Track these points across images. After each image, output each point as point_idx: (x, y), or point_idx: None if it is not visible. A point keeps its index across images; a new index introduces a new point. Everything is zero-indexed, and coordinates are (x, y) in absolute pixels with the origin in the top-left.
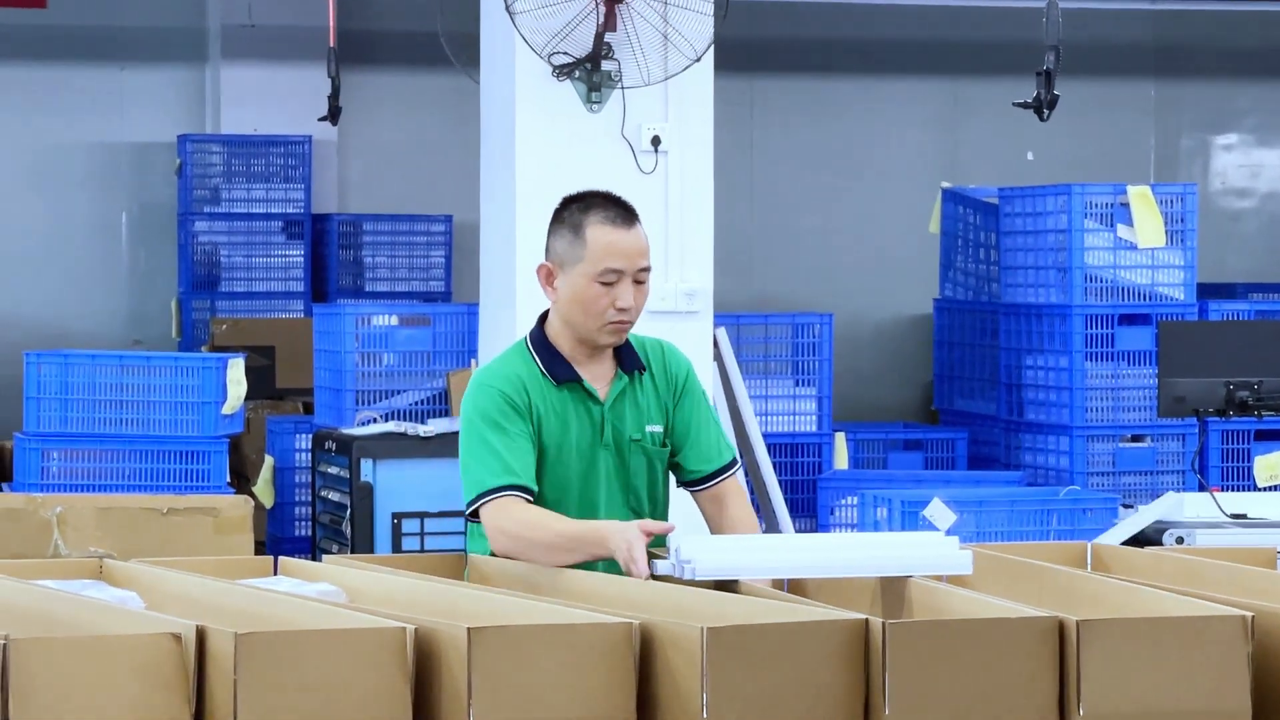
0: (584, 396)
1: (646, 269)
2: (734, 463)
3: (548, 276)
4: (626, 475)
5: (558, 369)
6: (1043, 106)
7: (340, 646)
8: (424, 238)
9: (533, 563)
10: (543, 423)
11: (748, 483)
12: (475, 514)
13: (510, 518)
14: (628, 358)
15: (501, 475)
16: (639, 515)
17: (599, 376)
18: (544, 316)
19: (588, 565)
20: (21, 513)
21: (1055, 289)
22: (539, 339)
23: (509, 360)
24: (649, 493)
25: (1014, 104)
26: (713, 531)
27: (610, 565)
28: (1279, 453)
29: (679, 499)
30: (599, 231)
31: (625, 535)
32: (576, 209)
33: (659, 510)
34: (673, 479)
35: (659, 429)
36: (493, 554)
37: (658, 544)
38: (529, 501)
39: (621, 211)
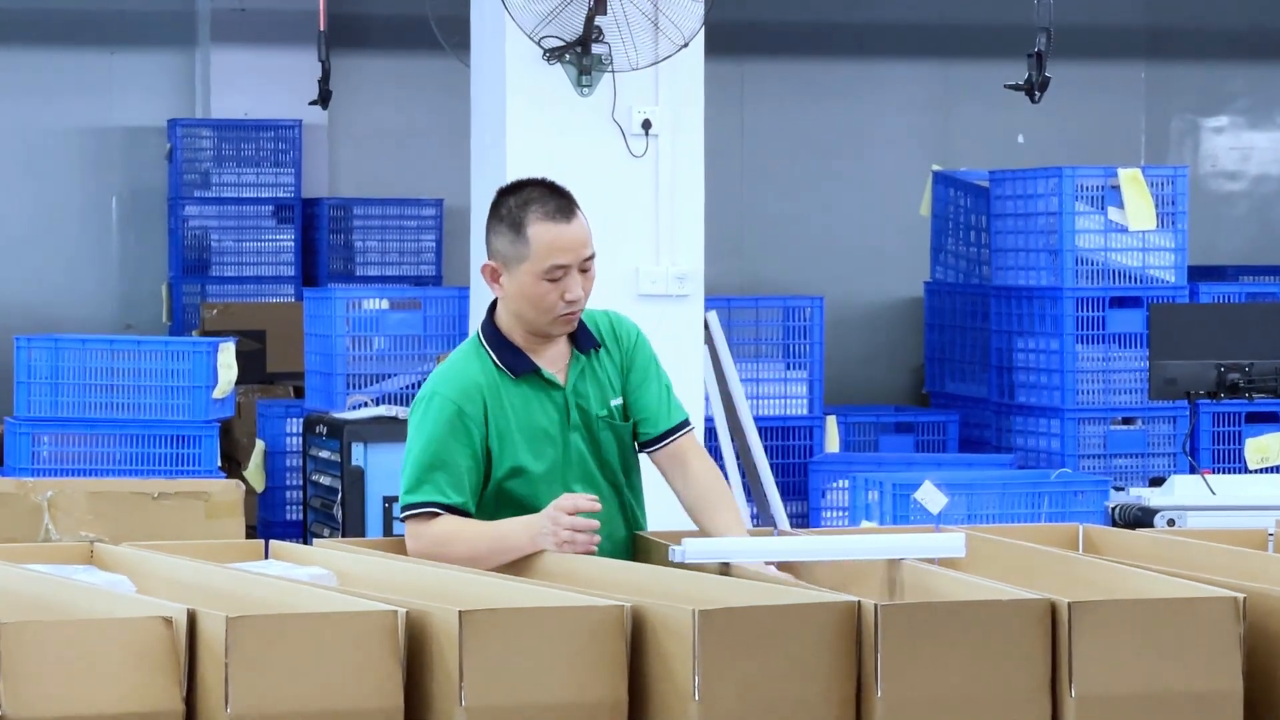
0: (544, 385)
1: (591, 257)
2: (686, 424)
3: (493, 275)
4: (599, 452)
5: (514, 362)
6: (1034, 89)
7: (331, 630)
8: (414, 221)
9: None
10: (505, 418)
11: (739, 466)
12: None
13: (423, 536)
14: (582, 338)
15: (429, 491)
16: (616, 489)
17: (554, 361)
18: (493, 306)
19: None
20: (12, 497)
21: (1046, 271)
22: (491, 334)
23: (464, 363)
24: (622, 465)
25: (1005, 86)
26: (678, 493)
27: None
28: (1270, 435)
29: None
30: (540, 229)
31: (546, 522)
32: (514, 204)
33: (633, 479)
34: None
35: (620, 402)
36: None
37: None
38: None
39: (561, 203)
